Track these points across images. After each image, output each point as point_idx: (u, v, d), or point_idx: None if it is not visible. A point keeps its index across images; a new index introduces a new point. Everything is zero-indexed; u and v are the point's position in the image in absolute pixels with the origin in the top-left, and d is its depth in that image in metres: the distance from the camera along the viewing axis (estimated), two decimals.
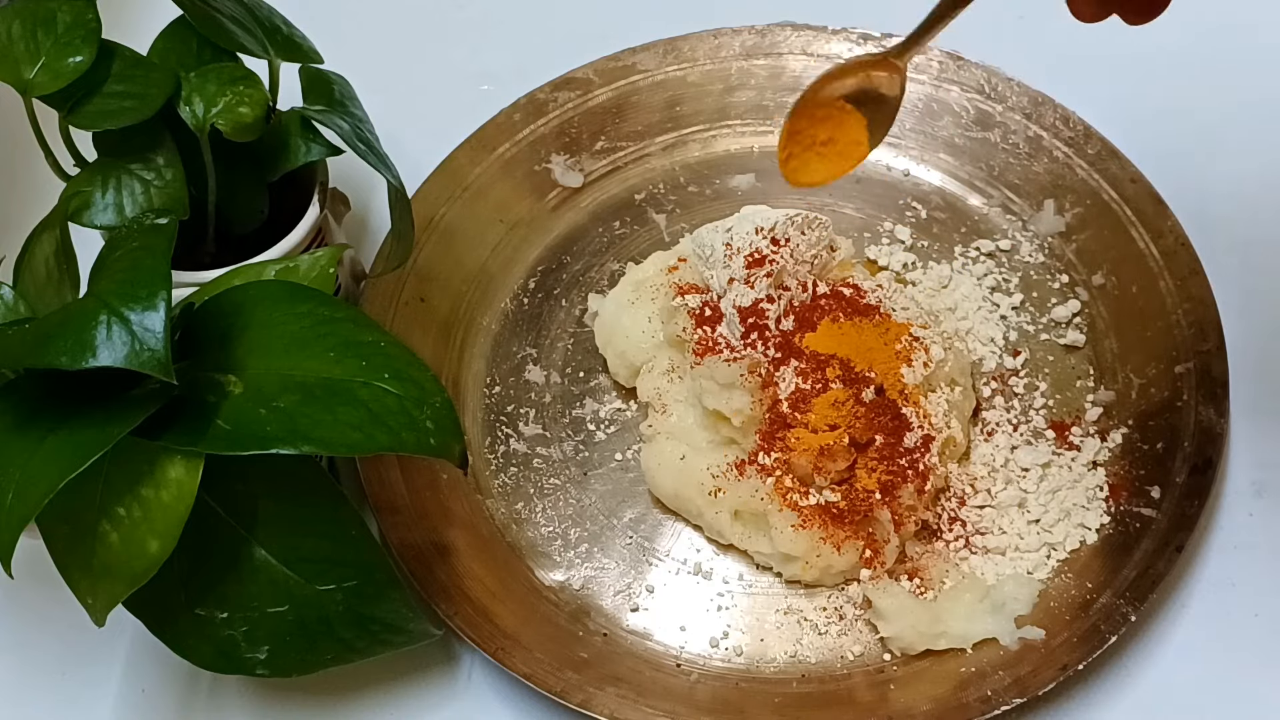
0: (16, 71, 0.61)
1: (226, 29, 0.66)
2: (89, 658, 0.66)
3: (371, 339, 0.56)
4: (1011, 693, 0.60)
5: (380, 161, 0.66)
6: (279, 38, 0.68)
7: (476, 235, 0.78)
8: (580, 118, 0.82)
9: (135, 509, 0.53)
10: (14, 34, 0.62)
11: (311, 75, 0.68)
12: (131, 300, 0.52)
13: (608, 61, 0.83)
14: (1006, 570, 0.66)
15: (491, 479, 0.71)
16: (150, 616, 0.57)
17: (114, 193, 0.63)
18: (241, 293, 0.57)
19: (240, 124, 0.64)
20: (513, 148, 0.80)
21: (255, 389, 0.54)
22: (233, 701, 0.64)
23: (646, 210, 0.81)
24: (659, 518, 0.69)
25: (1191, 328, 0.70)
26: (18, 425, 0.53)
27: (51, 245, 0.59)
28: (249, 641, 0.57)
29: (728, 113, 0.83)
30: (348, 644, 0.59)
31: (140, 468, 0.53)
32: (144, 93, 0.63)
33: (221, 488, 0.56)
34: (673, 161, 0.82)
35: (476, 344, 0.76)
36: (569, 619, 0.66)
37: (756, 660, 0.65)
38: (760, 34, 0.83)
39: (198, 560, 0.56)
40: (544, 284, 0.78)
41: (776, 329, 0.66)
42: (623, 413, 0.73)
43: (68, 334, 0.51)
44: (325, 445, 0.53)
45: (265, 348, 0.55)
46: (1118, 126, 0.77)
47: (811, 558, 0.65)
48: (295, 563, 0.57)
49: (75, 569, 0.54)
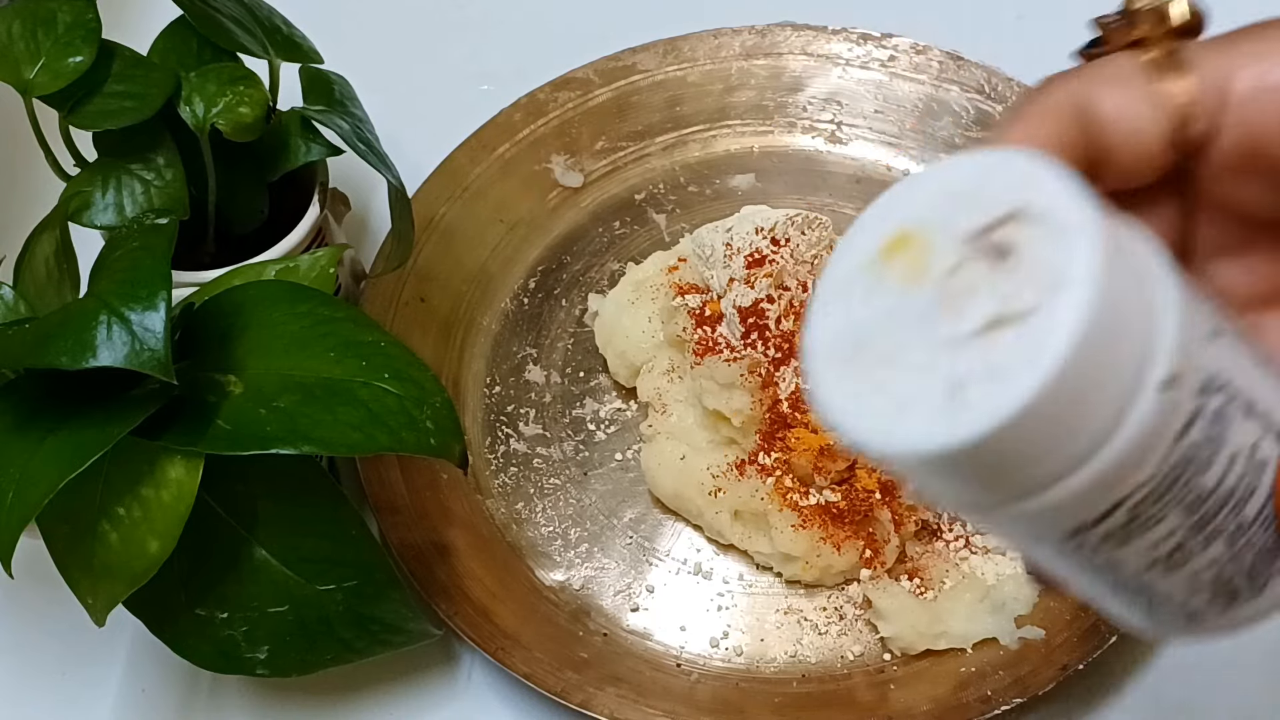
0: (17, 71, 0.61)
1: (226, 29, 0.65)
2: (89, 657, 0.66)
3: (371, 339, 0.56)
4: (1011, 693, 0.60)
5: (380, 161, 0.66)
6: (279, 38, 0.68)
7: (476, 235, 0.78)
8: (580, 118, 0.82)
9: (135, 509, 0.53)
10: (14, 34, 0.62)
11: (311, 75, 0.68)
12: (131, 300, 0.52)
13: (608, 61, 0.83)
14: (1006, 570, 0.66)
15: (491, 479, 0.71)
16: (150, 616, 0.57)
17: (114, 193, 0.63)
18: (241, 293, 0.57)
19: (240, 124, 0.64)
20: (513, 148, 0.80)
21: (255, 389, 0.54)
22: (233, 701, 0.64)
23: (646, 210, 0.81)
24: (659, 518, 0.69)
25: None
26: (18, 425, 0.53)
27: (51, 245, 0.59)
28: (249, 641, 0.57)
29: (728, 113, 0.83)
30: (348, 644, 0.59)
31: (140, 468, 0.53)
32: (144, 93, 0.63)
33: (221, 488, 0.56)
34: (673, 161, 0.82)
35: (476, 344, 0.76)
36: (569, 619, 0.66)
37: (756, 660, 0.65)
38: (760, 34, 0.83)
39: (198, 560, 0.56)
40: (544, 284, 0.78)
41: (777, 329, 0.66)
42: (623, 413, 0.73)
43: (68, 334, 0.51)
44: (325, 445, 0.53)
45: (265, 348, 0.55)
46: None
47: (811, 558, 0.65)
48: (295, 563, 0.57)
49: (75, 569, 0.54)
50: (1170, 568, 0.33)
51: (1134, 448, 0.30)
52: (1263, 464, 0.32)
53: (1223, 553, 0.33)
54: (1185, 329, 0.30)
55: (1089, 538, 0.32)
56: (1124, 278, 0.29)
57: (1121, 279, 0.29)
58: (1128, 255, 0.30)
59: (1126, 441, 0.30)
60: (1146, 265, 0.30)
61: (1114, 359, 0.29)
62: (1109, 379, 0.29)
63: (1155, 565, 0.33)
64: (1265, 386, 0.33)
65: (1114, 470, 0.30)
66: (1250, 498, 0.32)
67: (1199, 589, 0.34)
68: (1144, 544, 0.32)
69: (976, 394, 0.29)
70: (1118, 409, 0.29)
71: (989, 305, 0.29)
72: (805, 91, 0.83)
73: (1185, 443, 0.31)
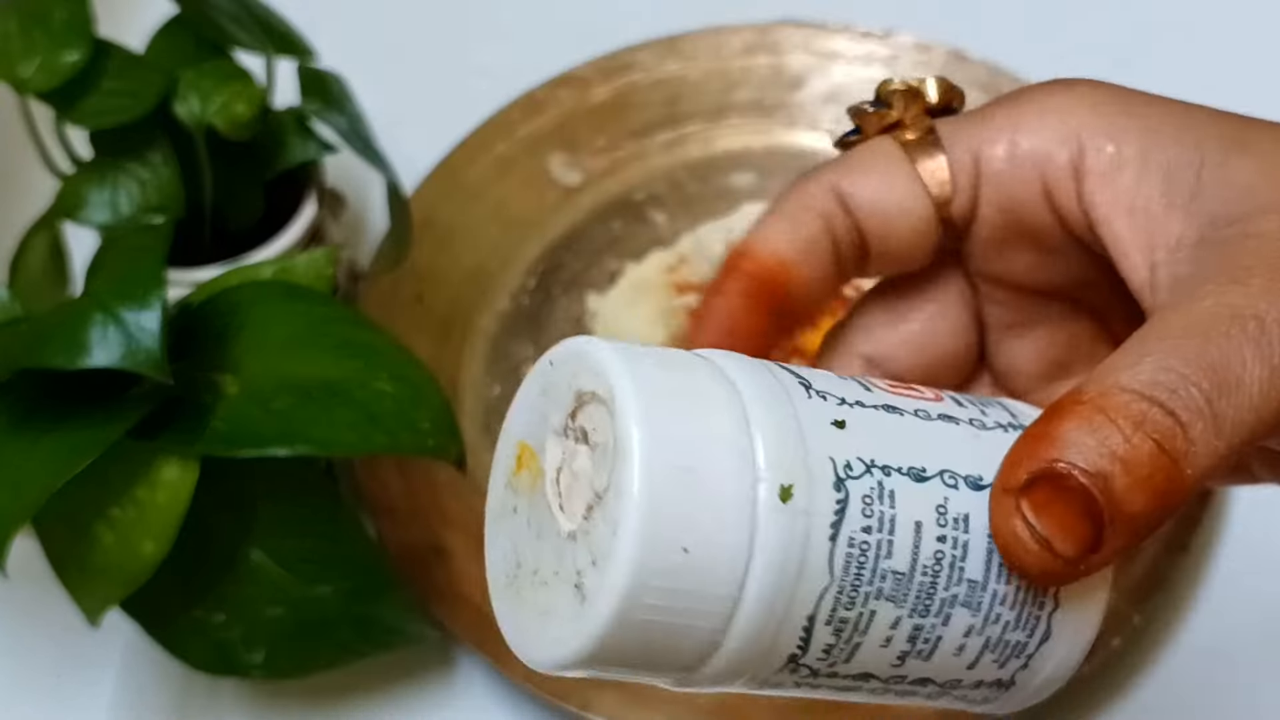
0: (11, 69, 0.61)
1: (223, 27, 0.65)
2: (84, 659, 0.65)
3: (369, 339, 0.56)
4: None
5: (377, 160, 0.66)
6: (275, 35, 0.68)
7: (475, 234, 0.78)
8: (579, 116, 0.81)
9: (131, 510, 0.53)
10: (8, 31, 0.61)
11: (308, 73, 0.68)
12: (127, 300, 0.51)
13: (607, 59, 0.82)
14: None
15: None
16: (146, 618, 0.57)
17: (109, 191, 0.62)
18: (238, 292, 0.57)
19: (236, 122, 0.63)
20: (511, 146, 0.80)
21: (252, 389, 0.54)
22: (229, 703, 0.64)
23: (646, 209, 0.80)
24: None
25: None
26: (12, 426, 0.53)
27: (46, 244, 0.59)
28: (245, 643, 0.57)
29: (728, 111, 0.83)
30: (345, 646, 0.58)
31: (136, 469, 0.53)
32: (139, 90, 0.62)
33: (218, 489, 0.55)
34: (673, 160, 0.82)
35: (475, 344, 0.75)
36: None
37: None
38: (761, 31, 0.83)
39: (194, 562, 0.56)
40: (543, 283, 0.78)
41: None
42: None
43: (62, 334, 0.51)
44: (322, 446, 0.53)
45: (262, 348, 0.55)
46: None
47: None
48: (292, 564, 0.57)
49: (70, 570, 0.54)
50: (926, 654, 0.31)
51: (778, 573, 0.28)
52: (963, 517, 0.31)
53: (972, 619, 0.31)
54: (783, 439, 0.29)
55: (813, 661, 0.30)
56: (682, 423, 0.28)
57: (679, 425, 0.28)
58: (684, 397, 0.29)
59: (766, 570, 0.28)
60: (711, 395, 0.29)
61: (702, 502, 0.28)
62: (708, 521, 0.28)
63: (907, 657, 0.31)
64: (937, 445, 0.32)
65: (771, 602, 0.29)
66: (967, 554, 0.31)
67: (980, 658, 0.32)
68: (875, 643, 0.30)
69: (590, 585, 0.28)
70: (737, 545, 0.28)
71: (587, 491, 0.29)
72: (806, 89, 0.82)
73: (842, 539, 0.29)
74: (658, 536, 0.28)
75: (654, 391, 0.29)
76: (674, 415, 0.29)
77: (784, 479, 0.29)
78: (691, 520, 0.28)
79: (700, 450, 0.28)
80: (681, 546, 0.28)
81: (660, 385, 0.29)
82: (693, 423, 0.29)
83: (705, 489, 0.28)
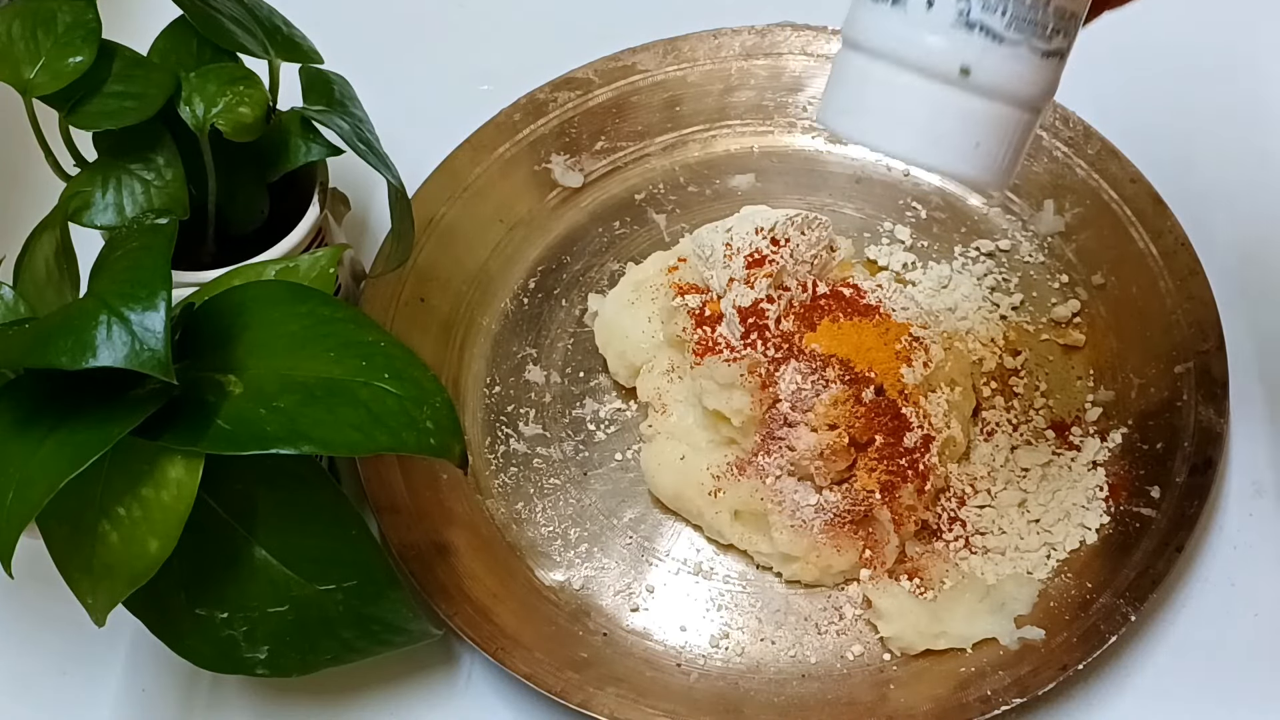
0: (17, 71, 0.61)
1: (226, 29, 0.66)
2: (89, 657, 0.66)
3: (372, 339, 0.56)
4: (1011, 693, 0.60)
5: (380, 161, 0.66)
6: (279, 38, 0.68)
7: (476, 235, 0.78)
8: (580, 118, 0.82)
9: (135, 509, 0.53)
10: (14, 34, 0.62)
11: (311, 75, 0.68)
12: (132, 300, 0.52)
13: (607, 61, 0.83)
14: (1006, 570, 0.66)
15: (491, 479, 0.71)
16: (150, 616, 0.57)
17: (114, 193, 0.63)
18: (241, 293, 0.57)
19: (240, 124, 0.64)
20: (513, 148, 0.80)
21: (255, 389, 0.54)
22: (233, 701, 0.65)
23: (646, 210, 0.81)
24: (659, 518, 0.69)
25: (1191, 328, 0.70)
26: (18, 425, 0.53)
27: (51, 245, 0.59)
28: (249, 641, 0.57)
29: (727, 113, 0.83)
30: (348, 644, 0.59)
31: (140, 468, 0.53)
32: (144, 93, 0.63)
33: (222, 488, 0.56)
34: (673, 161, 0.82)
35: (476, 344, 0.76)
36: (569, 619, 0.66)
37: (756, 660, 0.65)
38: (760, 34, 0.83)
39: (198, 560, 0.56)
40: (544, 284, 0.78)
41: (776, 329, 0.66)
42: (623, 413, 0.73)
43: (68, 334, 0.51)
44: (325, 445, 0.53)
45: (265, 348, 0.55)
46: (1117, 126, 0.77)
47: (811, 558, 0.65)
48: (295, 562, 0.57)
49: (75, 569, 0.54)
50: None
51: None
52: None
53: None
54: None
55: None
56: None
57: None
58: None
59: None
60: None
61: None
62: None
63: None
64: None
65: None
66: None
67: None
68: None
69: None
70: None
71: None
72: (805, 91, 0.83)
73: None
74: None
75: None
76: None
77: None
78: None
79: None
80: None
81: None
82: None
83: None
